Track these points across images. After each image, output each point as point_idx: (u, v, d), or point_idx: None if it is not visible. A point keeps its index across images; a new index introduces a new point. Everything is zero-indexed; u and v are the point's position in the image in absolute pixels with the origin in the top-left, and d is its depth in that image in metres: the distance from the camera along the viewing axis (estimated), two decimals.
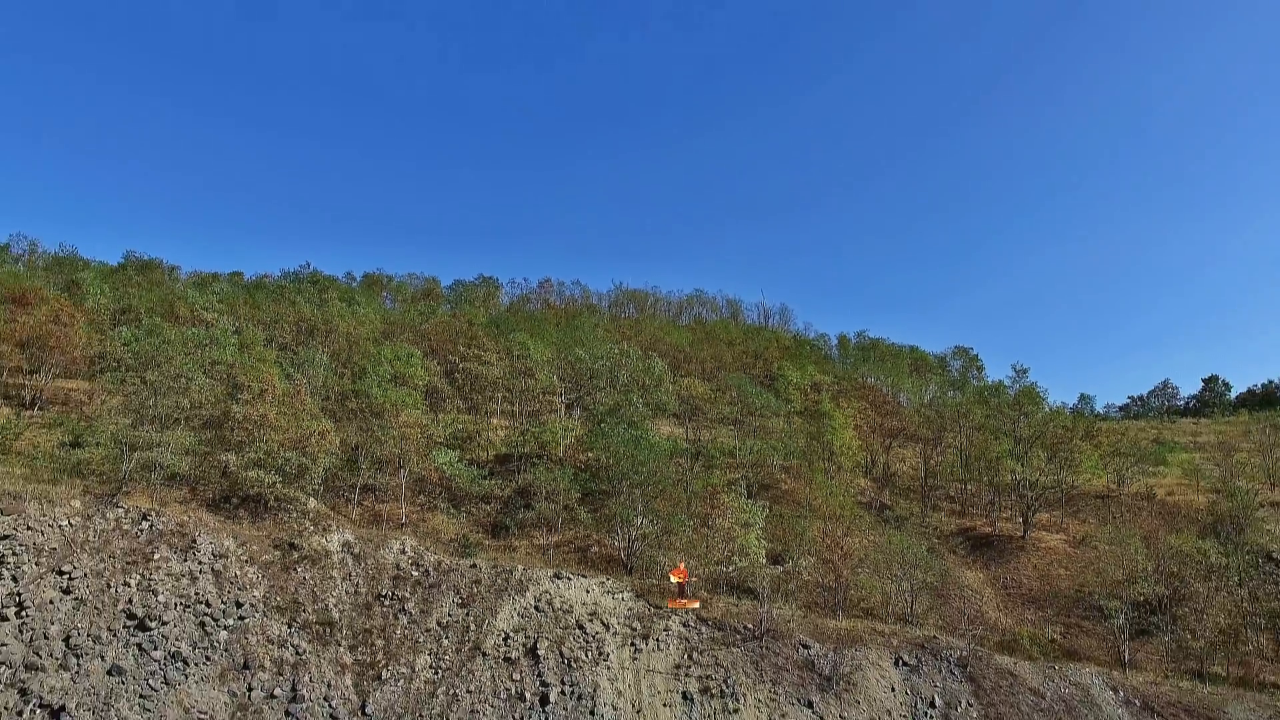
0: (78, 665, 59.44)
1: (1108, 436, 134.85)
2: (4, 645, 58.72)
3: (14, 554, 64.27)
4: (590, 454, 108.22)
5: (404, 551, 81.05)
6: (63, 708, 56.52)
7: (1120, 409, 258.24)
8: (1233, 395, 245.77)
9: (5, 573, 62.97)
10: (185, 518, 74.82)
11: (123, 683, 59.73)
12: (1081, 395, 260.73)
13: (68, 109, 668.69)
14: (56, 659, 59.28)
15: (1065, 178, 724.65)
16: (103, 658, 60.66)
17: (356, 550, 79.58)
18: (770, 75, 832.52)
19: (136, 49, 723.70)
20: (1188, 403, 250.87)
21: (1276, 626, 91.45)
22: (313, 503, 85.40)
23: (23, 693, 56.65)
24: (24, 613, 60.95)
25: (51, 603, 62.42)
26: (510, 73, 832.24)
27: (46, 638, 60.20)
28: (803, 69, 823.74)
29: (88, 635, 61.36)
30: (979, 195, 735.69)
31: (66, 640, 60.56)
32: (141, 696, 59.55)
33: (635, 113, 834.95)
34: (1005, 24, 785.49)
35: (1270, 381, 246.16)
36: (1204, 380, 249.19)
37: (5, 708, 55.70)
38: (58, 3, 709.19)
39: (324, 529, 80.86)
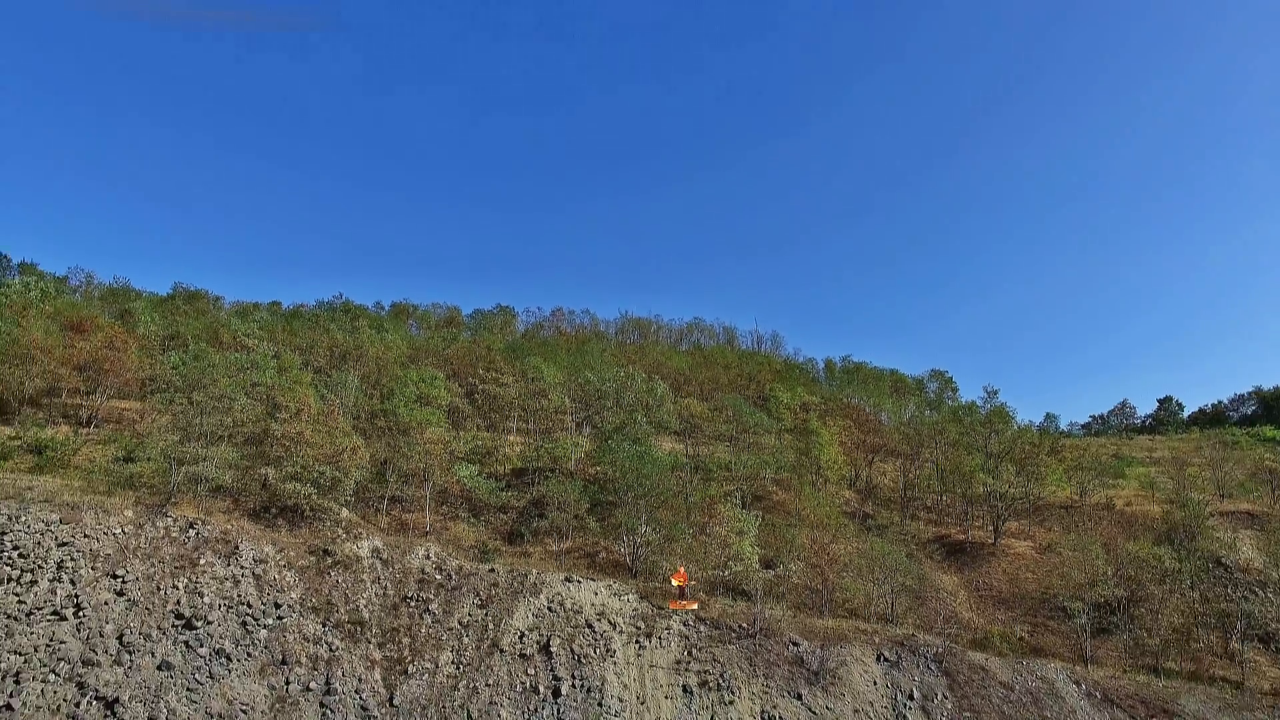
0: (130, 661, 59.51)
1: (1071, 452, 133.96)
2: (63, 643, 58.81)
3: (72, 559, 64.51)
4: (598, 468, 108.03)
5: (428, 557, 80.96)
6: (116, 700, 56.54)
7: (1083, 427, 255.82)
8: (1185, 415, 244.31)
9: (64, 576, 63.17)
10: (228, 526, 75.08)
11: (171, 677, 59.73)
12: (1047, 414, 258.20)
13: (120, 151, 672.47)
14: (111, 655, 59.38)
15: (1031, 215, 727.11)
16: (153, 654, 60.71)
17: (385, 556, 79.53)
18: (760, 123, 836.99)
19: (187, 97, 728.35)
20: (1144, 421, 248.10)
21: (1225, 625, 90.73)
22: (345, 513, 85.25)
23: (80, 686, 56.67)
24: (81, 613, 61.11)
25: (106, 603, 62.65)
26: (526, 120, 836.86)
27: (102, 635, 60.34)
28: (789, 117, 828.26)
29: (139, 633, 61.47)
30: (954, 231, 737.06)
31: (120, 638, 60.68)
32: (189, 690, 59.52)
33: (639, 156, 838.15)
34: (974, 78, 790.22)
35: (1219, 402, 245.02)
36: (1159, 401, 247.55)
37: (64, 700, 55.70)
38: (106, 50, 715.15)
39: (355, 536, 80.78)
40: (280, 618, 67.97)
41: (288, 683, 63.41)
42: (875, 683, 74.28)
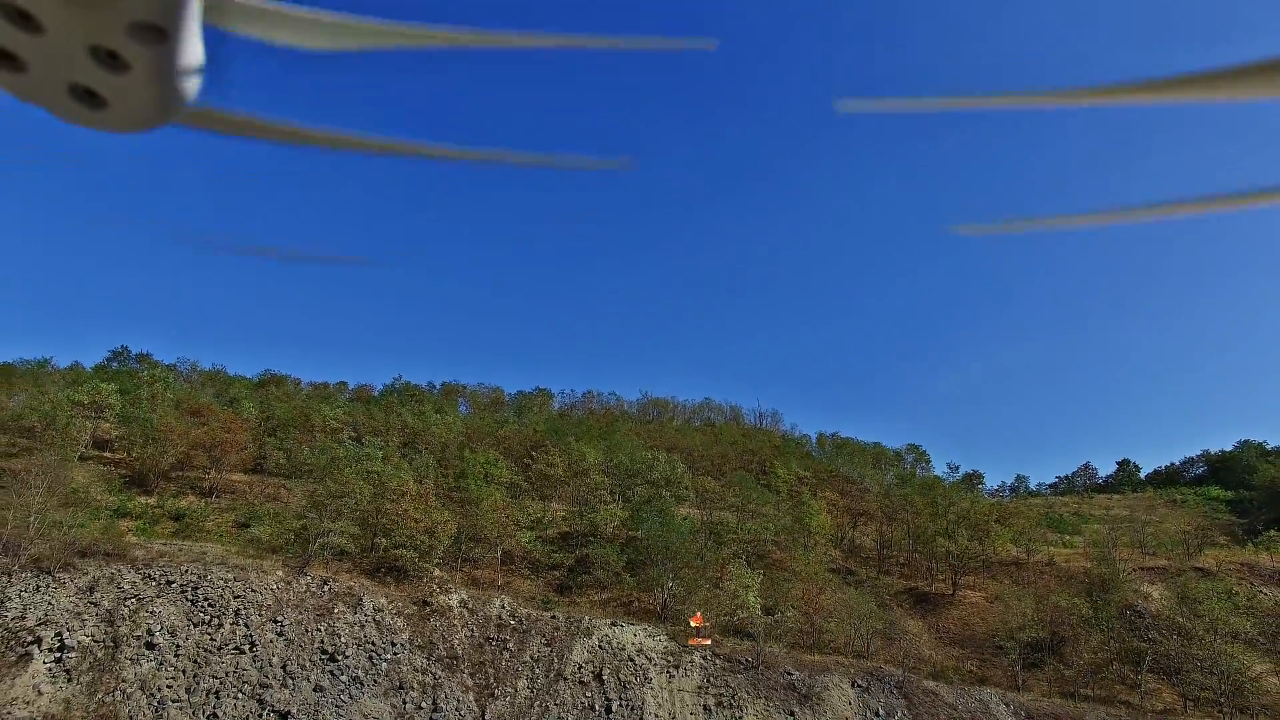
0: (293, 684, 71.26)
1: (1017, 519, 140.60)
2: (244, 670, 70.99)
3: (244, 608, 76.89)
4: (632, 533, 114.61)
5: (503, 606, 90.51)
6: (288, 713, 68.74)
7: (1050, 486, 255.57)
8: (1143, 475, 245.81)
9: (240, 620, 76.06)
10: (352, 583, 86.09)
11: (323, 697, 71.58)
12: (1018, 475, 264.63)
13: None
14: (279, 679, 71.20)
15: (1007, 299, 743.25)
16: (308, 679, 72.34)
17: (470, 605, 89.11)
18: (765, 227, 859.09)
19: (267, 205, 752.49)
20: (1105, 480, 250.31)
21: (1136, 661, 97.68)
22: (437, 571, 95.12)
23: (260, 702, 68.90)
24: (254, 648, 73.12)
25: (271, 641, 74.25)
26: (552, 225, 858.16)
27: (270, 665, 72.17)
28: (795, 220, 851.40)
29: (297, 664, 73.18)
30: (935, 315, 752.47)
31: (284, 667, 72.33)
32: (336, 706, 71.29)
33: (651, 258, 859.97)
34: (951, 178, 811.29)
35: (1173, 463, 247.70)
36: (1118, 463, 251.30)
37: (251, 712, 68.43)
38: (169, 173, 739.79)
39: (446, 590, 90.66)
40: (395, 653, 78.83)
41: (405, 703, 74.39)
42: (850, 703, 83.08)
